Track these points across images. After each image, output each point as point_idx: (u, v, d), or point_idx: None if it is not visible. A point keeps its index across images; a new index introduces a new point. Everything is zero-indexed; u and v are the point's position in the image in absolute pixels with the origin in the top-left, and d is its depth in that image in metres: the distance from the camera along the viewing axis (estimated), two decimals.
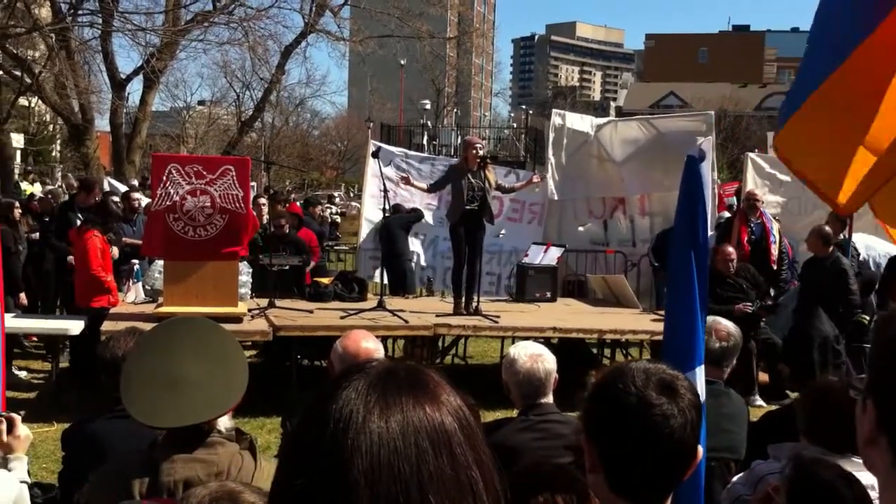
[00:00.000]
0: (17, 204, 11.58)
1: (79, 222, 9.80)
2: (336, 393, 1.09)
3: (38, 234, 11.77)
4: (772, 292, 10.40)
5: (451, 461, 1.06)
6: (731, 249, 10.06)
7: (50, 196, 14.80)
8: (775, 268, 11.24)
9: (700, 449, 1.95)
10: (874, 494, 2.56)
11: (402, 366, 1.14)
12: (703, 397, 2.96)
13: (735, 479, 3.54)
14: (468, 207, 9.49)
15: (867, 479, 2.67)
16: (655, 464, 1.88)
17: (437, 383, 1.13)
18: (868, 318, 10.19)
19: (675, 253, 3.36)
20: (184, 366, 2.52)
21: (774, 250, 11.29)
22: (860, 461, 3.00)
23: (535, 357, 3.93)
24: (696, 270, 3.17)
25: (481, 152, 9.83)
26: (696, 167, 3.31)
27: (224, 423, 2.70)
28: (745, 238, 11.11)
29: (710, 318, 4.23)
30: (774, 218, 12.00)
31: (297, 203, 17.03)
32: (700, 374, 3.11)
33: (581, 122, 14.06)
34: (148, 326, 4.24)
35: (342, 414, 1.06)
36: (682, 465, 1.92)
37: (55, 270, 11.03)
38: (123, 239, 10.83)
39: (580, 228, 13.79)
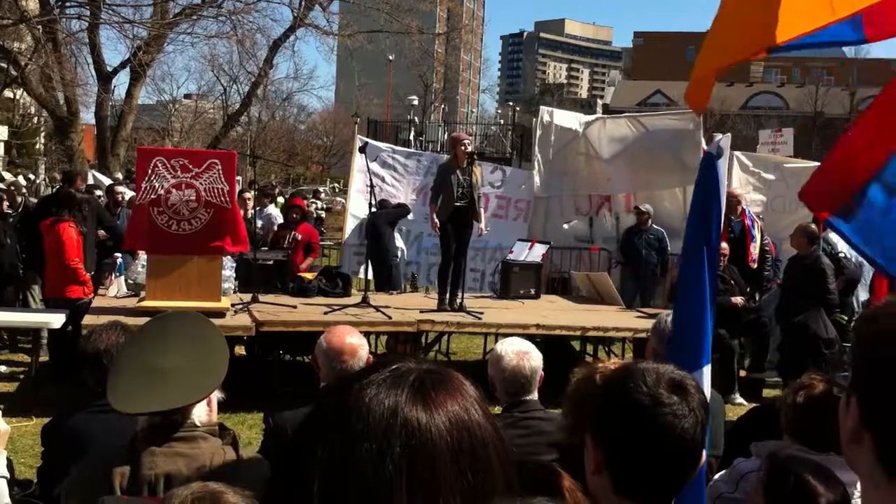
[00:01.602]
0: (4, 197, 11.56)
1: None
2: (370, 388, 1.09)
3: None
4: (757, 297, 10.45)
5: (486, 461, 1.08)
6: (724, 245, 10.15)
7: (13, 187, 14.65)
8: (754, 267, 11.28)
9: (704, 451, 1.95)
10: (854, 491, 2.57)
11: (435, 367, 1.15)
12: (708, 396, 2.95)
13: (717, 476, 3.54)
14: (457, 204, 9.48)
15: (849, 477, 2.68)
16: (666, 464, 1.87)
17: (469, 386, 1.15)
18: (847, 317, 10.23)
19: (686, 251, 3.32)
20: (166, 356, 2.51)
21: (753, 249, 11.31)
22: (839, 459, 3.01)
23: (522, 354, 3.93)
24: (707, 270, 3.12)
25: (469, 148, 9.82)
26: (713, 164, 3.23)
27: (200, 416, 2.69)
28: (725, 237, 11.13)
29: (671, 318, 4.20)
30: (758, 216, 12.05)
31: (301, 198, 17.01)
32: (707, 373, 3.08)
33: (569, 119, 14.08)
34: (130, 320, 4.23)
35: (385, 406, 1.06)
36: (690, 465, 1.91)
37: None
38: (99, 232, 10.81)
39: (565, 226, 13.80)
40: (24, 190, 16.44)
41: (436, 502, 1.03)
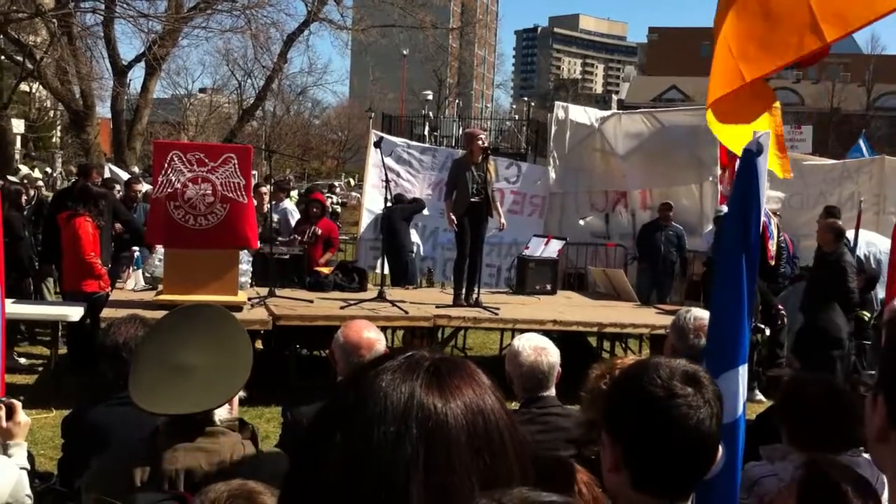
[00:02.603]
0: (23, 190, 11.64)
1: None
2: (386, 374, 1.10)
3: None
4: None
5: (501, 446, 1.09)
6: None
7: (26, 180, 14.70)
8: (773, 263, 11.23)
9: (720, 445, 1.94)
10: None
11: (449, 356, 1.16)
12: (744, 396, 2.92)
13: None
14: (472, 200, 9.50)
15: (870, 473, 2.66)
16: (682, 456, 1.87)
17: (483, 374, 1.16)
18: (868, 314, 10.17)
19: (725, 250, 3.28)
20: (189, 353, 2.51)
21: (772, 246, 11.26)
22: (852, 459, 2.99)
23: (540, 350, 3.92)
24: (745, 269, 3.08)
25: (485, 143, 9.84)
26: (752, 161, 3.16)
27: (221, 412, 2.69)
28: None
29: (691, 315, 4.17)
30: (774, 213, 12.00)
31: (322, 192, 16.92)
32: (743, 372, 3.06)
33: (584, 115, 14.05)
34: (148, 314, 4.24)
35: (402, 391, 1.08)
36: (707, 457, 1.91)
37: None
38: (116, 225, 10.86)
39: (581, 222, 13.78)
40: (38, 182, 16.55)
41: (451, 484, 1.04)
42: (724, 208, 13.11)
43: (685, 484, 1.91)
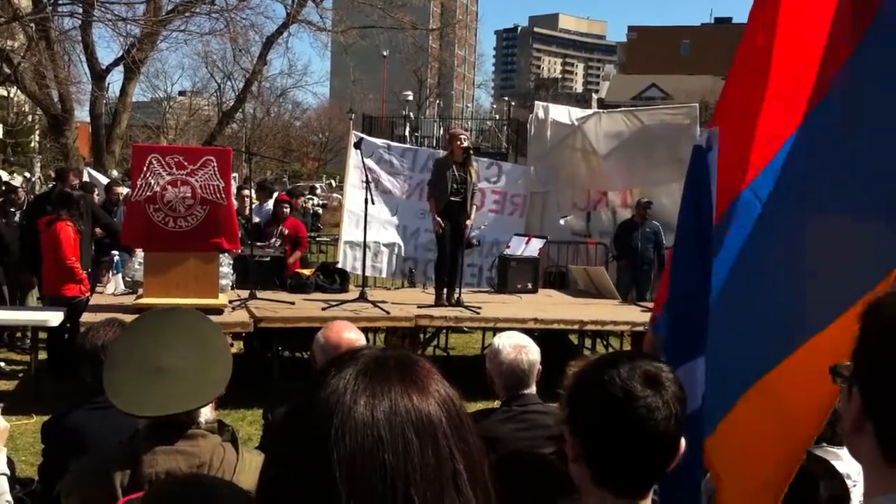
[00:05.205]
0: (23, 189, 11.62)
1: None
2: (325, 380, 1.11)
3: None
4: None
5: (435, 453, 1.08)
6: None
7: (22, 188, 14.63)
8: None
9: (683, 442, 1.96)
10: (849, 483, 2.58)
11: (393, 354, 1.17)
12: (703, 388, 2.95)
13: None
14: (451, 199, 9.53)
15: (841, 468, 2.69)
16: (639, 456, 1.89)
17: (428, 372, 1.15)
18: None
19: (679, 244, 3.31)
20: (168, 355, 2.50)
21: None
22: (832, 450, 3.01)
23: (519, 348, 3.93)
24: (701, 261, 3.12)
25: (466, 143, 9.85)
26: (702, 157, 3.23)
27: (204, 414, 2.68)
28: None
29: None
30: None
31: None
32: (702, 364, 3.08)
33: (564, 115, 14.08)
34: (128, 318, 4.22)
35: (329, 401, 1.08)
36: (665, 457, 1.92)
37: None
38: (96, 230, 10.81)
39: (562, 221, 13.80)
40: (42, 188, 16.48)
41: (444, 471, 1.07)
42: None
43: (644, 481, 1.93)
